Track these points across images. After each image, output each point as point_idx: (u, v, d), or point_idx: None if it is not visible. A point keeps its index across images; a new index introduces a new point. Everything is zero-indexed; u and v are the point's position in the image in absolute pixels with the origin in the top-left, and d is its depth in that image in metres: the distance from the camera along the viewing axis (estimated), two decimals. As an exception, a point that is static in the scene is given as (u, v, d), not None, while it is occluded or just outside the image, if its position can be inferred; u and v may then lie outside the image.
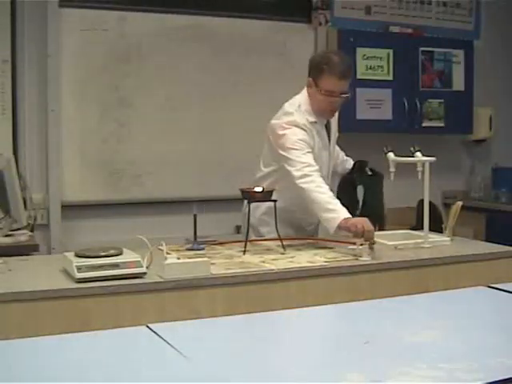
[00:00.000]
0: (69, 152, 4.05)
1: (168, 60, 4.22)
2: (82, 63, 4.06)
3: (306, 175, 2.59)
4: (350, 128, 4.68)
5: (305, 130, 2.71)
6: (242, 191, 2.71)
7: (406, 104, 4.74)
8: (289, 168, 2.64)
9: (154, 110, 4.19)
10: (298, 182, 2.60)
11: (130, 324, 1.67)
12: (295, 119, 2.72)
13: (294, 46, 4.62)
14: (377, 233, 3.07)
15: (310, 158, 2.65)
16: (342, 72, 2.69)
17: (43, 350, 1.36)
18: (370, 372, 1.20)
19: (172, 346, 1.36)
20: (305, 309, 1.73)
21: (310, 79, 2.77)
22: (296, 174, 2.61)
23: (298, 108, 2.77)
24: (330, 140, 2.89)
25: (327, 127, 2.88)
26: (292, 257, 2.48)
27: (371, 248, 2.52)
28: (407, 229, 3.24)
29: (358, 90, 4.61)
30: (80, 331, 1.55)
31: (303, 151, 2.65)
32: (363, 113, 4.62)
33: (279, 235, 2.59)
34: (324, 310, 1.72)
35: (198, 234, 2.62)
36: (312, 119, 2.76)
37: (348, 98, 2.79)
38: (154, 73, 4.19)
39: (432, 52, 4.87)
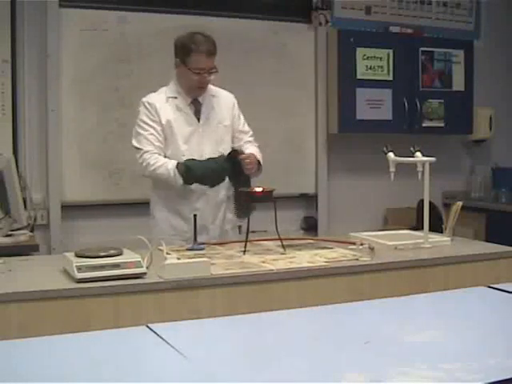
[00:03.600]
0: (69, 152, 4.06)
1: (168, 60, 4.22)
2: (82, 63, 4.06)
3: (142, 163, 2.85)
4: (349, 128, 4.71)
5: (146, 107, 2.89)
6: (242, 192, 2.71)
7: (406, 104, 4.75)
8: (136, 156, 2.90)
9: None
10: (138, 169, 2.92)
11: (130, 324, 1.67)
12: (142, 99, 2.93)
13: (294, 47, 4.63)
14: (377, 233, 3.08)
15: (145, 143, 2.86)
16: (208, 50, 2.83)
17: (43, 349, 1.37)
18: (370, 372, 1.20)
19: (172, 345, 1.36)
20: (305, 309, 1.73)
21: (178, 60, 2.89)
22: (138, 163, 2.89)
23: (163, 88, 2.95)
24: (199, 118, 2.93)
25: (197, 106, 2.94)
26: (292, 257, 2.48)
27: (371, 248, 2.53)
28: (407, 229, 3.24)
29: (357, 90, 4.62)
30: (80, 331, 1.55)
31: (143, 135, 2.87)
32: (363, 113, 4.63)
33: (279, 235, 2.60)
34: (324, 310, 1.72)
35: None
36: (171, 95, 2.92)
37: (216, 73, 2.90)
38: (153, 73, 4.19)
39: (432, 52, 4.88)
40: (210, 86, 2.97)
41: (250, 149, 2.99)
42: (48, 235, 3.99)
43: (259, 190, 2.60)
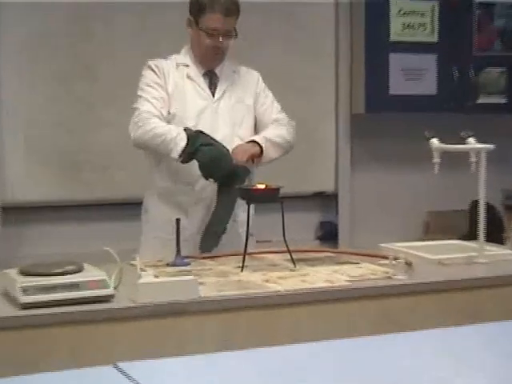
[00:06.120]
0: (11, 140, 4.07)
1: (142, 19, 4.23)
2: (28, 23, 4.06)
3: (138, 122, 2.90)
4: (380, 107, 4.72)
5: (152, 69, 3.00)
6: (241, 190, 2.72)
7: (455, 74, 4.75)
8: (132, 117, 2.96)
9: (125, 84, 4.20)
10: (130, 131, 2.94)
11: (92, 363, 1.68)
12: (148, 62, 3.04)
13: (307, 3, 4.64)
14: (416, 244, 3.09)
15: (146, 104, 2.94)
16: (226, 8, 2.93)
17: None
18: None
19: (147, 391, 1.37)
20: (320, 342, 1.73)
21: (191, 18, 2.99)
22: (131, 124, 2.94)
23: (173, 56, 3.08)
24: (214, 93, 3.05)
25: (212, 78, 3.06)
26: (304, 274, 2.49)
27: (408, 264, 2.53)
28: (456, 239, 3.25)
29: (391, 55, 4.64)
30: (26, 373, 1.55)
31: (144, 97, 2.96)
32: (398, 86, 4.64)
33: (287, 246, 2.60)
34: (344, 345, 1.72)
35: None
36: (182, 62, 3.05)
37: (233, 39, 3.00)
38: (123, 35, 4.20)
39: (492, 5, 4.87)
40: (231, 61, 3.08)
41: (267, 131, 3.06)
42: (-17, 246, 4.00)
43: (261, 187, 2.60)
